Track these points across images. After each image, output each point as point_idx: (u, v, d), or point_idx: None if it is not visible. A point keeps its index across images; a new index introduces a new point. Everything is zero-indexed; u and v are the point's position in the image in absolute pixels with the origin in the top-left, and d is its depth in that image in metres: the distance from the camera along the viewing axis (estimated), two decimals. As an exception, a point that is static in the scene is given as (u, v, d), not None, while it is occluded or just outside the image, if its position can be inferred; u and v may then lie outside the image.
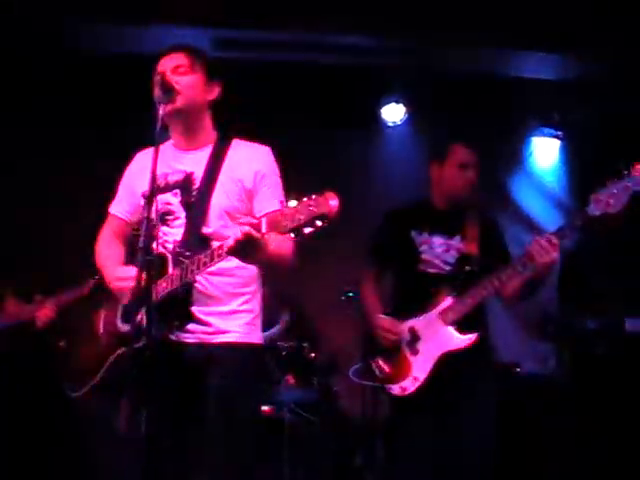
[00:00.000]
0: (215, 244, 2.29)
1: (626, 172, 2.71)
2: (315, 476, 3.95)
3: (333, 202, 2.02)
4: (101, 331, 2.52)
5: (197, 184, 2.49)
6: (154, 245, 2.16)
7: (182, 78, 2.48)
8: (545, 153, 5.87)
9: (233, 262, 2.32)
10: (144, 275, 2.11)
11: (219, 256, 2.22)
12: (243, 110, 4.97)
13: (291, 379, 4.22)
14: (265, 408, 3.98)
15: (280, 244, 2.30)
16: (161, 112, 2.32)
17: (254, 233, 2.11)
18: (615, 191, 2.72)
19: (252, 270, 2.48)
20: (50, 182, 4.62)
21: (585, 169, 5.46)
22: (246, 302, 2.48)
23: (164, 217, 2.48)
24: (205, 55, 2.60)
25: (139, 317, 2.21)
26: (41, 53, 4.57)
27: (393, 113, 5.45)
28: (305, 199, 2.03)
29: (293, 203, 2.07)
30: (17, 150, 4.84)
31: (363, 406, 4.07)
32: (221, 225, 2.44)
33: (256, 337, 2.51)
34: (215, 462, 2.34)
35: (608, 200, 2.71)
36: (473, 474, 3.00)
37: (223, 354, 2.39)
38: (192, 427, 2.39)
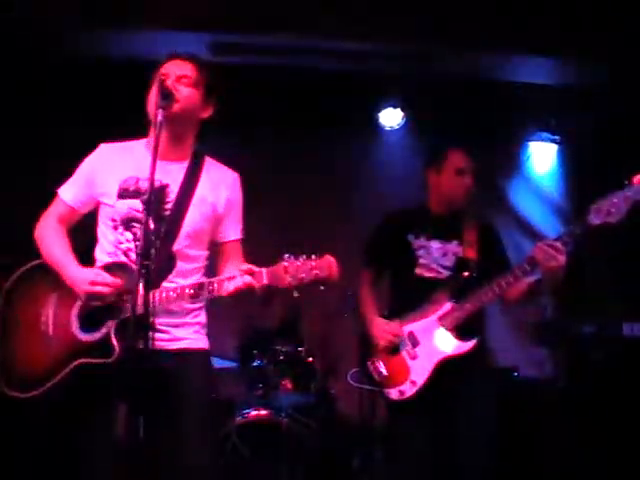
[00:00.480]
0: (184, 266, 2.44)
1: (626, 182, 2.74)
2: (312, 480, 3.94)
3: (335, 268, 2.22)
4: (50, 332, 2.44)
5: (171, 198, 2.49)
6: (152, 252, 2.16)
7: (184, 89, 2.49)
8: (542, 158, 5.88)
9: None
10: (140, 284, 2.12)
11: (210, 292, 2.34)
12: (242, 115, 4.99)
13: (288, 383, 4.21)
14: (262, 412, 3.98)
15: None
16: (159, 118, 2.31)
17: (255, 284, 2.26)
18: (615, 201, 2.74)
19: None
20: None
21: (582, 174, 5.48)
22: (196, 316, 2.55)
23: (129, 223, 2.47)
24: (209, 72, 2.60)
25: (107, 328, 2.31)
26: (40, 56, 4.57)
27: (391, 117, 5.46)
28: (304, 257, 2.22)
29: (287, 257, 2.24)
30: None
31: (361, 410, 4.08)
32: (187, 245, 2.50)
33: (203, 343, 2.59)
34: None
35: (609, 210, 2.73)
36: (473, 478, 3.01)
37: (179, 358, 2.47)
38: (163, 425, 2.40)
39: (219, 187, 2.57)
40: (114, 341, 2.33)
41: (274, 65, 4.79)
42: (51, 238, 2.55)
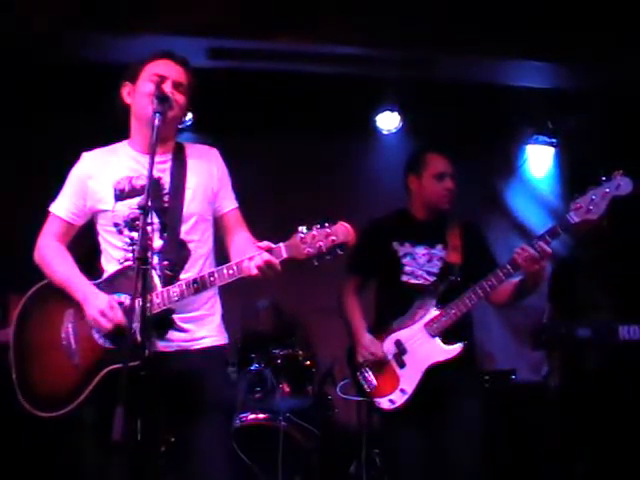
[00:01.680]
0: (198, 257, 2.46)
1: (604, 178, 2.76)
2: (310, 484, 3.94)
3: (351, 231, 2.23)
4: (74, 347, 2.42)
5: (166, 188, 2.52)
6: (149, 254, 2.17)
7: (179, 96, 2.54)
8: (539, 161, 5.89)
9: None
10: (139, 287, 2.13)
11: (230, 276, 2.34)
12: (239, 118, 5.01)
13: (286, 387, 4.22)
14: (260, 416, 3.98)
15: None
16: (157, 122, 2.33)
17: (274, 260, 2.26)
18: (594, 197, 2.76)
19: None
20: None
21: (579, 177, 5.47)
22: (212, 306, 2.58)
23: (132, 222, 2.48)
24: (193, 77, 2.64)
25: (133, 332, 2.23)
26: (36, 60, 4.57)
27: (388, 121, 5.47)
28: (318, 226, 2.23)
29: (303, 229, 2.25)
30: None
31: (358, 414, 4.07)
32: (194, 229, 2.53)
33: (223, 338, 2.62)
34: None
35: (588, 207, 2.76)
36: None
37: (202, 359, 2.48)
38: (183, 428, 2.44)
39: (206, 167, 2.63)
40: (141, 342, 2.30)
41: (273, 70, 4.80)
42: (55, 259, 2.54)
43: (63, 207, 2.59)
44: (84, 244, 2.66)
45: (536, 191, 5.92)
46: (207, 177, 2.61)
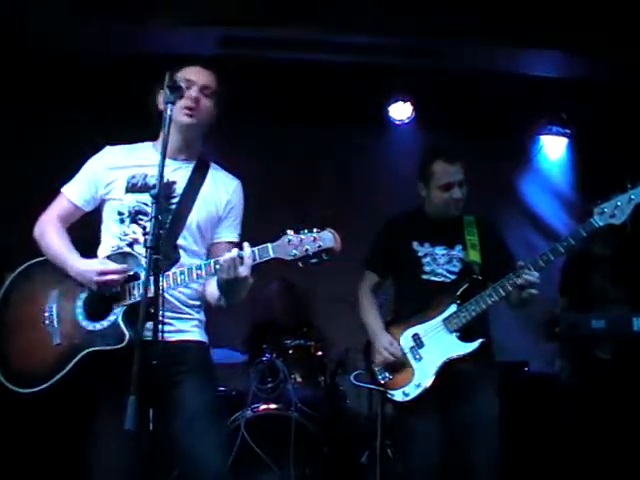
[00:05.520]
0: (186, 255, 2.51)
1: (630, 186, 2.84)
2: (321, 475, 3.94)
3: (337, 239, 2.31)
4: (55, 326, 2.44)
5: (176, 194, 2.56)
6: (160, 244, 2.17)
7: (206, 101, 2.59)
8: (553, 151, 5.86)
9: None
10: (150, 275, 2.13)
11: (198, 276, 2.39)
12: (251, 108, 4.99)
13: (298, 378, 4.22)
14: (272, 406, 3.99)
15: None
16: (169, 112, 2.32)
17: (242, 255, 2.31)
18: (619, 203, 2.84)
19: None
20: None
21: (593, 167, 5.45)
22: (197, 312, 2.62)
23: (136, 215, 2.53)
24: (220, 81, 2.67)
25: (114, 315, 2.37)
26: (45, 52, 4.58)
27: (400, 111, 5.45)
28: (306, 231, 2.31)
29: (292, 232, 2.31)
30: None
31: (370, 405, 4.07)
32: (191, 239, 2.57)
33: (204, 337, 2.65)
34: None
35: (613, 212, 2.84)
36: (482, 475, 3.01)
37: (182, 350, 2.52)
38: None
39: (221, 190, 2.66)
40: (123, 327, 2.37)
41: (284, 59, 4.78)
42: (52, 234, 2.58)
43: (75, 190, 2.64)
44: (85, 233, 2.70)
45: (549, 181, 5.88)
46: (219, 199, 2.64)
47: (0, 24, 4.13)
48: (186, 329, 2.57)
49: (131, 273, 2.42)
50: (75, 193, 2.64)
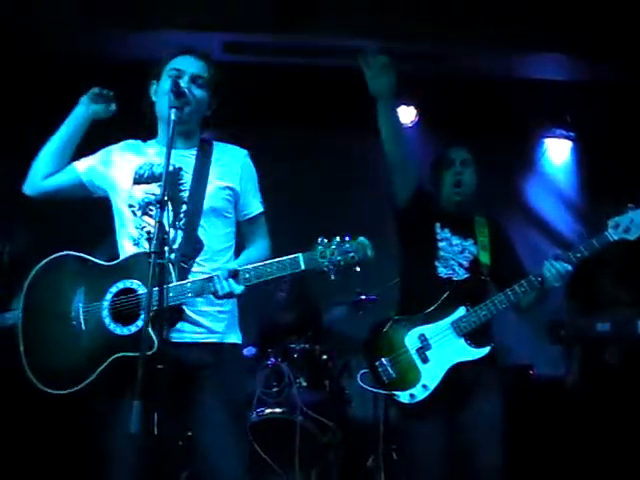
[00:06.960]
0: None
1: None
2: (327, 478, 3.94)
3: (370, 250, 2.23)
4: (83, 327, 2.38)
5: (184, 180, 2.52)
6: (165, 249, 2.17)
7: (198, 90, 2.54)
8: (557, 154, 5.86)
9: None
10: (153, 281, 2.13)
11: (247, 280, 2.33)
12: (251, 112, 5.01)
13: (303, 381, 4.22)
14: (277, 410, 3.99)
15: None
16: (172, 117, 2.33)
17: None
18: (634, 219, 2.87)
19: None
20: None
21: (597, 170, 5.45)
22: (225, 304, 2.53)
23: (146, 207, 2.50)
24: (217, 71, 2.64)
25: (142, 322, 2.27)
26: (55, 57, 4.60)
27: (404, 115, 5.45)
28: (338, 239, 2.24)
29: (324, 241, 2.24)
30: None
31: (375, 409, 4.07)
32: (211, 224, 2.51)
33: (236, 337, 2.59)
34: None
35: (627, 226, 2.87)
36: (487, 478, 3.00)
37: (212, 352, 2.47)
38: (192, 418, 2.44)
39: (232, 166, 2.60)
40: (152, 334, 2.25)
41: (286, 64, 4.79)
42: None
43: (85, 165, 2.65)
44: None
45: (554, 184, 5.88)
46: (230, 175, 2.58)
47: (0, 24, 4.15)
48: (217, 330, 2.50)
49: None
50: (84, 166, 2.64)
